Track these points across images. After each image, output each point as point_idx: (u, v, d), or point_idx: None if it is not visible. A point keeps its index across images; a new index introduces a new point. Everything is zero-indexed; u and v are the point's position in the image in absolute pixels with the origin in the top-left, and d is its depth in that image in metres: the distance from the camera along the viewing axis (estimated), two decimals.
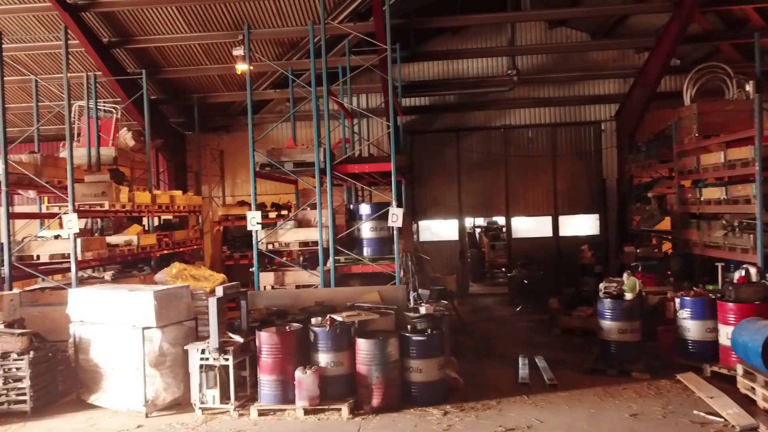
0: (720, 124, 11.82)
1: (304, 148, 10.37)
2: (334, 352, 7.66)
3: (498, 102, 17.15)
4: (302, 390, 7.42)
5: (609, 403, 7.53)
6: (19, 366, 7.90)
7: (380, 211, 10.05)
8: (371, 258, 10.14)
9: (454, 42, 17.05)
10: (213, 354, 7.56)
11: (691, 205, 12.22)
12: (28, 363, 7.88)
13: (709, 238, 11.43)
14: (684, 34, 13.17)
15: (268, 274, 10.31)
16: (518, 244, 17.39)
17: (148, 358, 7.76)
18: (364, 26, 13.30)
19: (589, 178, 17.19)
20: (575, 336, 11.37)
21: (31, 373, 7.90)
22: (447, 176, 17.39)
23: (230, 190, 18.14)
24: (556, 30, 16.97)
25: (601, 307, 9.10)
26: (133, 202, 11.83)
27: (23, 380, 7.87)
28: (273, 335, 7.65)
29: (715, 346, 8.47)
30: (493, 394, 7.99)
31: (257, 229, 9.97)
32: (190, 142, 18.07)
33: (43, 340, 8.51)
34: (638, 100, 15.43)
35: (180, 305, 8.15)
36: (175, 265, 12.04)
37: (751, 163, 9.95)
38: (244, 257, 16.39)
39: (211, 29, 13.62)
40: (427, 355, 7.73)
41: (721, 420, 6.69)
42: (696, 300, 8.74)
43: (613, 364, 8.79)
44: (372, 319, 8.08)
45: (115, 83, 14.20)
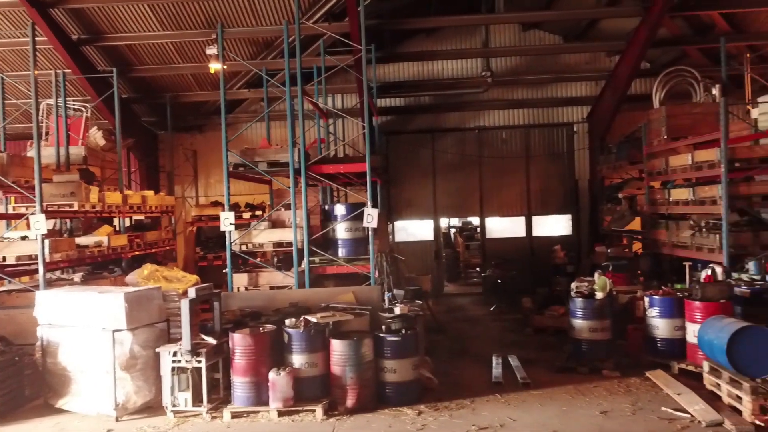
0: (687, 126, 12.10)
1: (278, 148, 10.31)
2: (308, 353, 7.64)
3: (472, 103, 17.28)
4: (276, 391, 7.38)
5: (580, 400, 7.64)
6: None
7: (355, 212, 10.04)
8: (346, 259, 10.13)
9: (428, 43, 17.13)
10: (185, 356, 7.47)
11: (660, 205, 12.49)
12: None
13: (677, 238, 11.70)
14: (653, 38, 13.44)
15: (242, 276, 10.23)
16: (492, 245, 17.55)
17: (118, 361, 7.64)
18: (339, 26, 13.30)
19: (561, 179, 17.43)
20: (548, 335, 11.50)
21: None
22: (422, 177, 17.47)
23: (203, 190, 17.94)
24: (530, 32, 17.16)
25: (573, 307, 9.24)
26: (103, 202, 11.62)
27: None
28: (246, 337, 7.59)
29: (682, 344, 8.66)
30: (467, 394, 8.05)
31: (231, 230, 9.88)
32: (162, 142, 17.84)
33: (9, 344, 8.33)
34: (609, 102, 15.69)
35: (151, 307, 8.04)
36: (147, 266, 11.85)
37: (717, 165, 10.22)
38: (217, 258, 16.24)
39: (184, 27, 13.45)
40: (401, 356, 7.75)
41: (687, 416, 6.84)
42: (664, 299, 8.92)
43: (584, 363, 8.92)
44: (346, 320, 8.07)
45: (85, 81, 13.93)
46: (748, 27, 14.35)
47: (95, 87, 14.16)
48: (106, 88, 14.60)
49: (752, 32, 14.41)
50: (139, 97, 16.15)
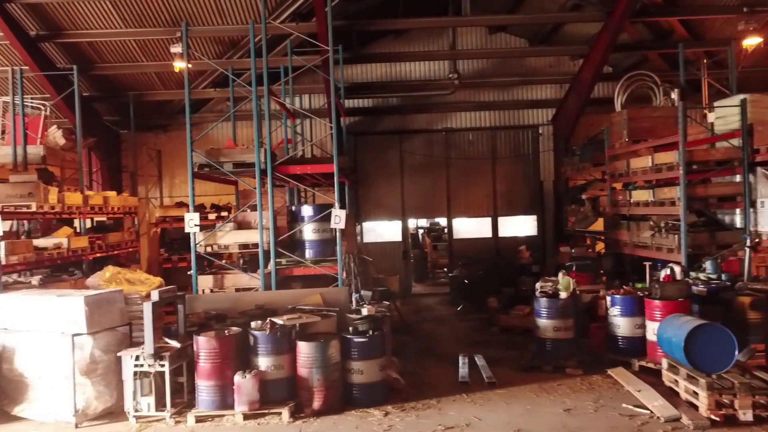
0: (648, 129, 12.40)
1: (244, 149, 10.20)
2: (275, 355, 7.58)
3: (440, 105, 17.40)
4: (242, 395, 7.30)
5: (544, 398, 7.76)
6: None
7: (322, 213, 10.00)
8: (313, 260, 10.07)
9: (396, 45, 17.18)
10: (148, 360, 7.33)
11: (622, 206, 12.78)
12: None
13: (638, 238, 11.98)
14: (615, 43, 13.75)
15: (207, 278, 10.08)
16: (459, 245, 17.70)
17: (78, 366, 7.45)
18: (306, 27, 13.22)
19: (527, 181, 17.68)
20: (514, 334, 11.65)
21: None
22: (390, 178, 17.51)
23: (168, 190, 17.64)
24: (496, 36, 17.36)
25: (538, 306, 9.38)
26: (62, 203, 11.33)
27: None
28: (211, 340, 7.49)
29: (642, 342, 8.87)
30: (433, 394, 8.10)
31: (196, 232, 9.73)
32: (125, 141, 17.46)
33: None
34: (573, 105, 15.98)
35: (113, 310, 7.87)
36: (109, 268, 11.60)
37: (675, 167, 10.50)
38: (182, 260, 15.98)
39: (147, 25, 13.19)
40: (368, 357, 7.76)
41: (647, 412, 7.02)
42: (625, 298, 9.13)
43: (548, 361, 9.07)
44: (313, 322, 8.04)
45: (44, 79, 13.55)
46: (704, 34, 14.80)
47: (55, 84, 13.79)
48: (66, 85, 14.22)
49: (708, 39, 14.86)
50: (101, 95, 15.79)
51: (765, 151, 9.99)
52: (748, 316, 8.45)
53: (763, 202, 10.14)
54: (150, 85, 15.83)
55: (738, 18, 13.24)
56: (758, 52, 14.26)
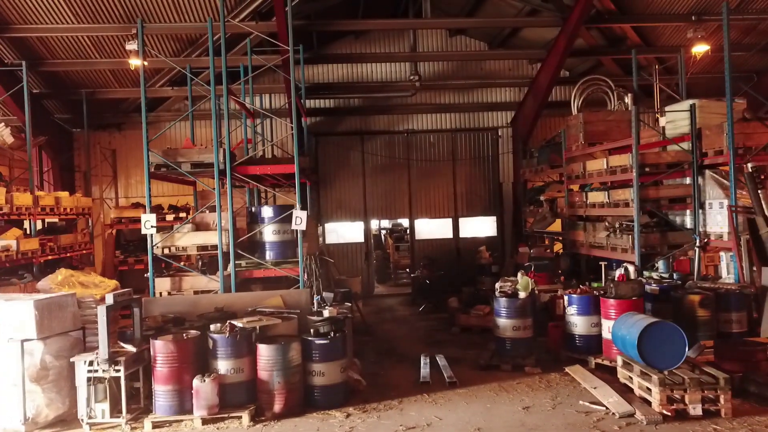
0: (602, 132, 12.74)
1: (202, 149, 10.03)
2: (234, 358, 7.46)
3: (401, 107, 17.47)
4: (200, 399, 7.16)
5: (503, 397, 7.87)
6: None
7: (283, 214, 9.91)
8: (274, 262, 9.97)
9: (357, 46, 17.18)
10: (102, 365, 7.12)
11: (579, 208, 13.08)
12: None
13: (594, 238, 12.29)
14: (571, 47, 14.06)
15: (165, 280, 9.87)
16: (421, 246, 17.82)
17: (27, 373, 7.18)
18: (265, 26, 13.09)
19: (486, 182, 17.94)
20: (473, 334, 11.79)
21: None
22: (352, 179, 17.50)
23: (123, 191, 17.20)
24: (456, 38, 17.56)
25: (497, 306, 9.50)
26: (11, 203, 10.92)
27: None
28: (168, 344, 7.33)
29: (598, 340, 9.09)
30: (394, 394, 8.12)
31: (152, 233, 9.52)
32: (77, 140, 16.96)
33: None
34: (531, 108, 16.28)
35: (65, 315, 7.62)
36: (61, 271, 11.23)
37: (629, 170, 10.82)
38: (139, 262, 15.61)
39: (101, 21, 12.81)
40: (329, 358, 7.72)
41: (603, 408, 7.19)
42: (582, 297, 9.33)
43: (507, 360, 9.20)
44: (274, 324, 7.95)
45: None
46: (656, 40, 15.30)
47: (2, 81, 13.28)
48: (14, 81, 13.73)
49: (659, 45, 15.38)
50: (52, 92, 15.28)
51: (713, 155, 10.40)
52: (697, 314, 8.77)
53: (711, 204, 10.54)
54: (104, 82, 15.39)
55: (687, 26, 13.73)
56: (706, 59, 14.85)
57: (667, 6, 13.67)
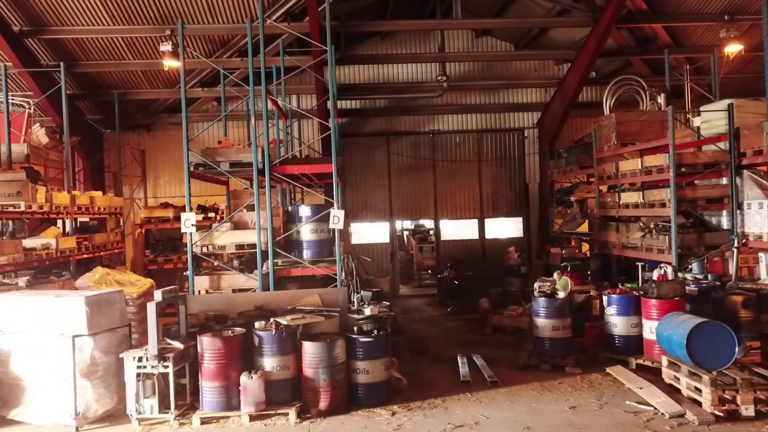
0: (635, 133, 12.67)
1: (240, 148, 10.11)
2: (280, 355, 7.52)
3: (427, 107, 17.48)
4: (248, 396, 7.22)
5: (547, 397, 7.85)
6: None
7: (321, 213, 9.96)
8: (311, 260, 10.01)
9: (383, 47, 17.21)
10: (152, 361, 7.20)
11: (611, 208, 13.00)
12: None
13: (627, 239, 12.21)
14: (602, 48, 14.00)
15: (204, 278, 9.93)
16: (446, 246, 17.81)
17: (78, 368, 7.28)
18: (297, 27, 13.15)
19: (512, 183, 17.90)
20: (506, 334, 11.77)
21: None
22: (378, 179, 17.54)
23: (152, 191, 17.34)
24: (482, 39, 17.54)
25: (536, 306, 9.48)
26: (51, 202, 11.07)
27: None
28: (216, 340, 7.40)
29: (639, 340, 9.04)
30: (436, 393, 8.13)
31: (192, 232, 9.60)
32: (107, 141, 17.14)
33: None
34: (558, 109, 16.23)
35: (113, 311, 7.71)
36: (98, 269, 11.37)
37: (666, 170, 10.74)
38: (168, 261, 15.76)
39: (136, 23, 12.96)
40: (373, 356, 7.75)
41: (651, 408, 7.16)
42: (622, 297, 9.30)
43: (546, 360, 9.18)
44: (317, 322, 8.00)
45: (28, 76, 13.22)
46: (686, 40, 15.19)
47: (38, 82, 13.46)
48: (49, 82, 13.92)
49: (690, 45, 15.26)
50: (84, 93, 15.45)
51: (752, 155, 10.30)
52: (740, 315, 8.67)
53: (750, 204, 10.43)
54: (135, 83, 15.54)
55: (720, 26, 13.63)
56: (737, 59, 14.71)
57: (699, 5, 13.58)
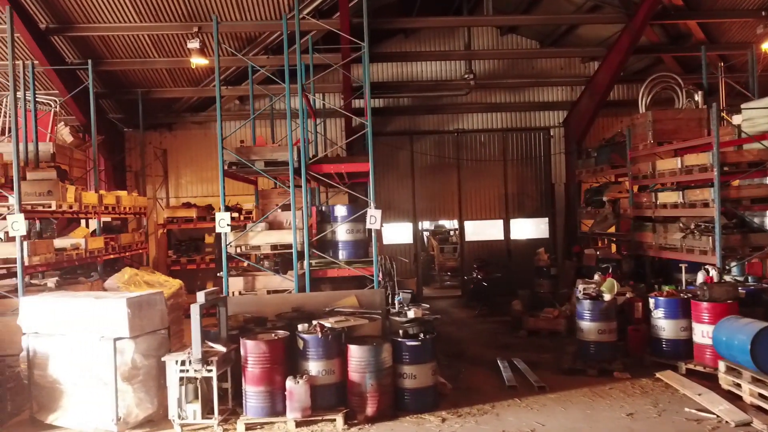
0: (671, 131, 12.36)
1: (275, 146, 9.91)
2: (325, 359, 7.30)
3: (451, 106, 17.22)
4: (294, 401, 7.00)
5: (600, 403, 7.59)
6: None
7: (357, 213, 9.74)
8: (347, 261, 9.79)
9: (406, 44, 16.96)
10: (195, 365, 6.99)
11: (646, 208, 12.70)
12: None
13: (665, 240, 11.89)
14: (635, 45, 13.70)
15: (238, 279, 9.71)
16: (471, 247, 17.54)
17: (119, 372, 7.08)
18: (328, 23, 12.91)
19: (538, 183, 17.62)
20: (541, 337, 11.51)
21: None
22: (401, 179, 17.30)
23: (174, 191, 17.16)
24: (507, 37, 17.24)
25: (580, 308, 9.21)
26: (80, 202, 10.89)
27: None
28: (260, 344, 7.18)
29: (688, 344, 8.76)
30: (484, 399, 7.88)
31: (227, 231, 9.39)
32: (129, 140, 16.99)
33: None
34: (587, 107, 15.94)
35: (153, 313, 7.50)
36: (126, 270, 11.20)
37: (709, 169, 10.43)
38: (191, 262, 15.61)
39: (163, 20, 12.77)
40: (420, 360, 7.52)
41: (713, 416, 6.88)
42: (670, 300, 9.02)
43: (592, 364, 8.91)
44: (360, 325, 7.78)
45: (53, 74, 13.05)
46: (720, 37, 14.87)
47: (63, 80, 13.31)
48: (73, 81, 13.77)
49: (723, 42, 14.94)
50: (108, 92, 15.28)
51: None
52: None
53: None
54: (159, 81, 15.36)
55: (756, 22, 13.31)
56: None
57: (736, 1, 13.27)
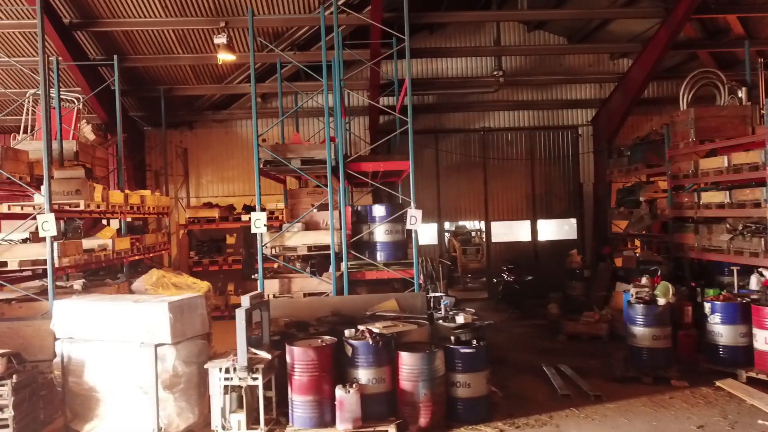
0: (715, 128, 11.93)
1: (312, 144, 9.58)
2: (376, 367, 6.92)
3: (477, 104, 16.85)
4: (344, 411, 6.63)
5: (665, 414, 7.18)
6: None
7: (396, 213, 9.38)
8: (385, 263, 9.43)
9: (431, 41, 16.59)
10: (240, 373, 6.63)
11: (687, 209, 12.28)
12: (11, 389, 6.65)
13: (709, 242, 11.47)
14: (674, 41, 13.28)
15: (273, 282, 9.37)
16: (497, 249, 17.16)
17: (160, 380, 6.73)
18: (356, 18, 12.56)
19: (566, 183, 17.22)
20: (582, 342, 11.11)
21: (14, 401, 6.67)
22: (426, 179, 16.92)
23: (194, 190, 16.84)
24: (534, 33, 16.85)
25: (632, 313, 8.80)
26: (107, 201, 10.57)
27: (5, 410, 6.63)
28: (309, 350, 6.81)
29: (748, 351, 8.35)
30: (539, 408, 7.50)
31: (263, 232, 9.05)
32: (149, 138, 16.69)
33: (23, 361, 7.27)
34: (619, 105, 15.52)
35: (194, 318, 7.14)
36: (153, 272, 10.89)
37: (762, 167, 10.01)
38: (213, 263, 15.28)
39: (189, 14, 12.42)
40: (474, 369, 7.15)
41: None
42: (728, 305, 8.61)
43: (646, 372, 8.50)
44: (409, 330, 7.41)
45: (76, 70, 12.74)
46: (759, 32, 14.41)
47: (86, 76, 13.00)
48: (96, 77, 13.47)
49: (762, 37, 14.48)
50: (129, 89, 14.96)
51: None
52: None
53: None
54: (182, 78, 15.02)
55: None
56: None
57: None
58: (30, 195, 11.64)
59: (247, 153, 16.67)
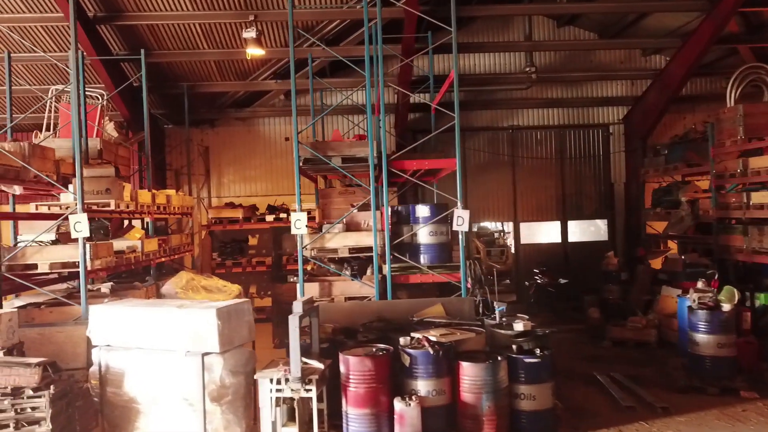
0: (763, 126, 11.45)
1: (353, 141, 9.14)
2: (436, 378, 6.48)
3: (505, 102, 16.36)
4: (404, 425, 6.19)
5: (742, 428, 6.74)
6: (35, 405, 6.22)
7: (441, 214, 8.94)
8: (429, 266, 8.99)
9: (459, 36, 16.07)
10: (293, 384, 6.20)
11: (734, 209, 11.79)
12: (48, 401, 6.23)
13: (760, 244, 10.98)
14: (718, 35, 12.79)
15: (313, 285, 8.94)
16: (526, 251, 16.68)
17: (207, 391, 6.31)
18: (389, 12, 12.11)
19: (597, 183, 16.72)
20: (628, 348, 10.66)
21: (52, 414, 6.25)
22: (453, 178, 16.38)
23: (216, 190, 16.42)
24: (564, 29, 16.36)
25: (695, 319, 8.34)
26: (136, 201, 10.16)
27: (42, 423, 6.20)
28: (366, 360, 6.38)
29: None
30: (605, 422, 7.07)
31: (303, 233, 8.62)
32: (169, 137, 16.26)
33: (58, 370, 6.84)
34: (655, 102, 15.02)
35: (241, 325, 6.72)
36: (182, 274, 10.52)
37: None
38: (237, 265, 14.87)
39: (216, 8, 12.01)
40: (539, 380, 6.69)
41: None
42: None
43: (710, 382, 8.05)
44: (467, 339, 6.96)
45: (100, 66, 12.34)
46: None
47: (110, 72, 12.60)
48: (119, 73, 13.08)
49: None
50: (152, 85, 14.52)
51: None
52: None
53: None
54: (206, 75, 14.60)
55: None
56: None
57: None
58: (55, 194, 11.29)
59: (270, 152, 16.27)
